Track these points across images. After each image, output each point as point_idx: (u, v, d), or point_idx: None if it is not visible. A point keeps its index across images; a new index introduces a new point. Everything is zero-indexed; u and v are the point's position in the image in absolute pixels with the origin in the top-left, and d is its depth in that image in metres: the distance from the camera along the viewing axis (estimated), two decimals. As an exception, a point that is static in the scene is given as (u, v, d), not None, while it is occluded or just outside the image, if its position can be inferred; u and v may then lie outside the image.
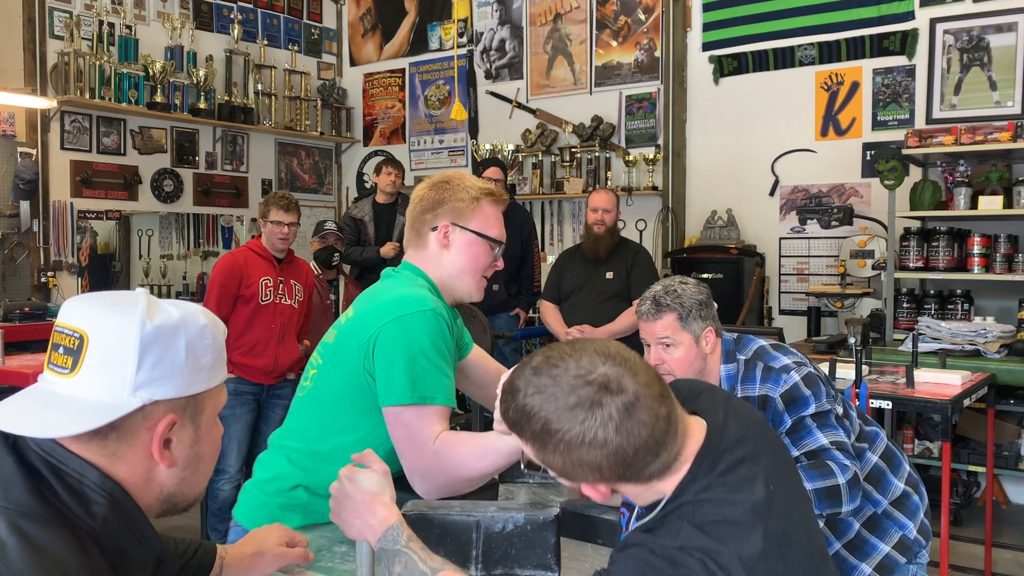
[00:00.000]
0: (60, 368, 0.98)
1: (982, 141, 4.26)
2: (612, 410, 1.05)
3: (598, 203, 4.59)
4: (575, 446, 1.06)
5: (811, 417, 1.99)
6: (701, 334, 2.10)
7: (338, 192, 7.53)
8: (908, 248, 4.54)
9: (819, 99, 5.31)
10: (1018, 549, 4.05)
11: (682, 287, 2.13)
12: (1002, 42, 4.74)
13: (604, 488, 1.12)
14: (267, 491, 1.70)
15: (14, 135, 5.34)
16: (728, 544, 1.02)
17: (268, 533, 1.40)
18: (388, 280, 1.80)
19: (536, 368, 1.10)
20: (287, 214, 3.91)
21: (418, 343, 1.59)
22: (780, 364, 2.06)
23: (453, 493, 1.59)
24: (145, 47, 5.95)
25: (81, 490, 0.94)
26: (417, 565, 1.23)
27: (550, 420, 1.06)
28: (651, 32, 5.90)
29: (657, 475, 1.10)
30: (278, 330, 3.90)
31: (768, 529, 1.05)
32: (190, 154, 6.35)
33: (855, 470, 1.94)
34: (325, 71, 7.41)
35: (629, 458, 1.06)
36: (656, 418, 1.07)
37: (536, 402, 1.08)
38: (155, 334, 0.98)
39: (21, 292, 5.33)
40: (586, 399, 1.05)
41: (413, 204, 1.80)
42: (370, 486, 1.32)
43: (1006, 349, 4.04)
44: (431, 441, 1.57)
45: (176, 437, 1.01)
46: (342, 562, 1.51)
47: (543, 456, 1.10)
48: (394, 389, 1.58)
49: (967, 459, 4.27)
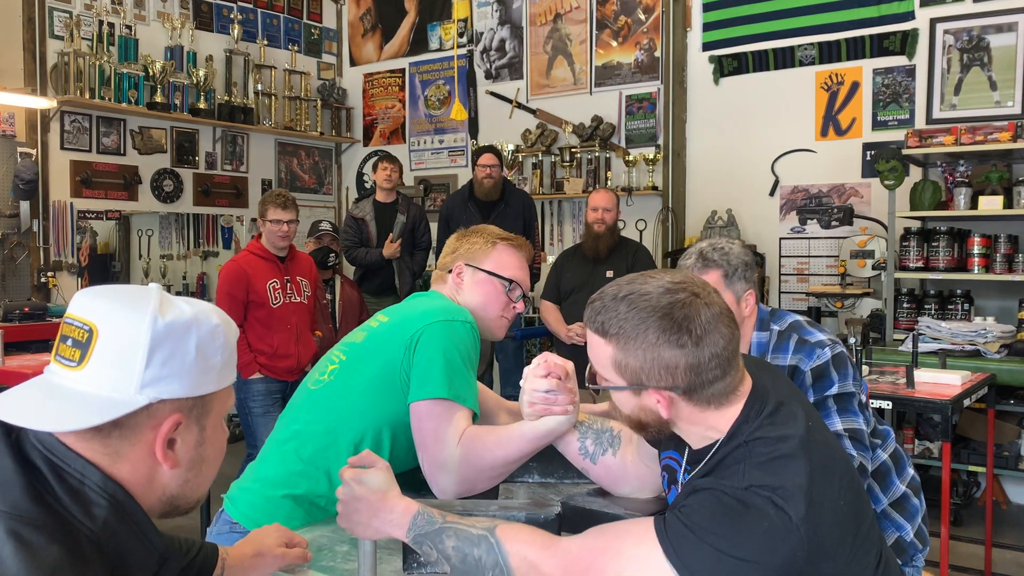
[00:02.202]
0: (67, 360, 0.96)
1: (982, 141, 4.26)
2: (704, 310, 1.17)
3: (598, 202, 4.60)
4: (662, 343, 1.16)
5: (833, 399, 1.95)
6: (743, 295, 2.04)
7: (338, 192, 7.53)
8: (908, 248, 4.54)
9: (819, 99, 5.31)
10: (1018, 549, 4.05)
11: (729, 245, 2.07)
12: (1002, 42, 4.74)
13: (667, 401, 1.19)
14: (268, 489, 1.70)
15: (14, 135, 5.34)
16: (787, 478, 1.11)
17: (267, 534, 1.39)
18: (423, 297, 1.89)
19: (629, 280, 1.22)
20: (285, 212, 3.91)
21: (459, 348, 1.66)
22: (815, 339, 2.01)
23: (473, 489, 1.60)
24: (145, 47, 5.95)
25: (82, 491, 0.93)
26: (469, 531, 1.23)
27: (644, 315, 1.17)
28: (651, 32, 5.90)
29: (715, 401, 1.20)
30: (294, 329, 3.96)
31: (813, 458, 1.14)
32: (190, 154, 6.35)
33: (861, 460, 1.91)
34: (325, 71, 7.41)
35: (703, 364, 1.16)
36: (731, 337, 1.19)
37: (631, 300, 1.18)
38: (166, 331, 0.96)
39: (21, 292, 5.33)
40: (680, 301, 1.17)
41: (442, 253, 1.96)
42: (379, 484, 1.32)
43: (1006, 349, 4.04)
44: (457, 436, 1.59)
45: (181, 438, 1.00)
46: (343, 562, 1.51)
47: (624, 356, 1.18)
48: (431, 384, 1.62)
49: (967, 459, 4.27)
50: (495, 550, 1.21)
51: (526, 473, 1.89)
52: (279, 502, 1.67)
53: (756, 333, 2.07)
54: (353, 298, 4.71)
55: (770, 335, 2.06)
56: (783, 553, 1.09)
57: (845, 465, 1.24)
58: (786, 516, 1.09)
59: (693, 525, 1.11)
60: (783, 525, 1.09)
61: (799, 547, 1.09)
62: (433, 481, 1.60)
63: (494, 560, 1.21)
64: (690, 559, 1.10)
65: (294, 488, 1.67)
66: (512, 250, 1.88)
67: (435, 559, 1.26)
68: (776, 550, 1.09)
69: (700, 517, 1.12)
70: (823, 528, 1.12)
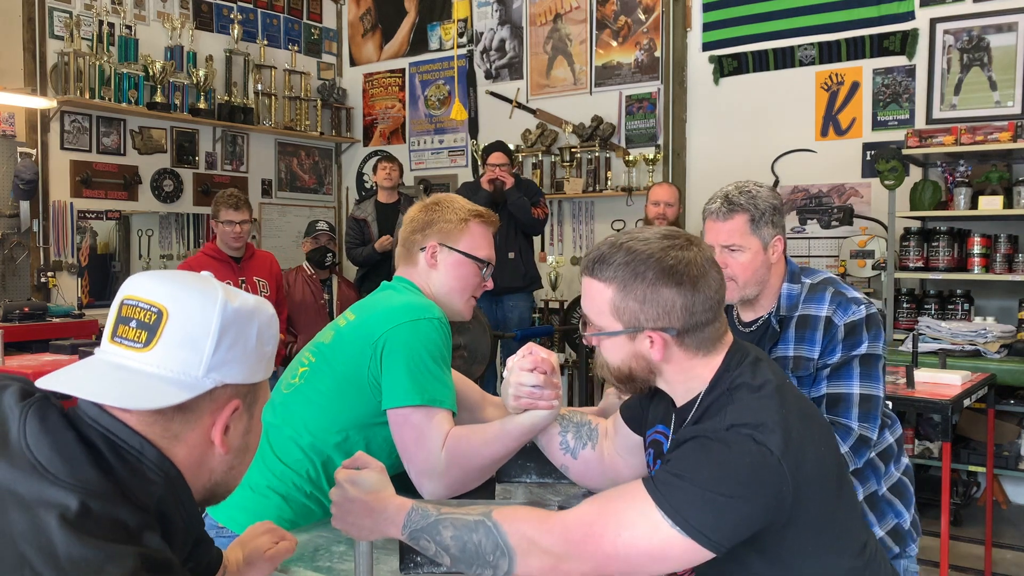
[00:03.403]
0: (131, 342, 0.96)
1: (982, 141, 4.26)
2: (698, 255, 1.26)
3: (660, 196, 4.47)
4: (660, 283, 1.23)
5: (860, 359, 1.89)
6: (771, 241, 1.96)
7: (338, 192, 7.53)
8: (908, 248, 4.53)
9: (819, 99, 5.30)
10: (1018, 549, 4.05)
11: (757, 188, 1.99)
12: (1002, 42, 4.74)
13: (661, 343, 1.26)
14: (253, 490, 1.69)
15: (14, 135, 5.33)
16: (767, 416, 1.17)
17: (258, 534, 1.37)
18: (389, 289, 1.82)
19: (625, 231, 1.31)
20: (238, 212, 3.90)
21: (428, 348, 1.62)
22: (852, 295, 1.95)
23: (463, 489, 1.59)
24: (145, 47, 5.95)
25: (140, 468, 0.93)
26: (466, 519, 1.24)
27: (643, 258, 1.24)
28: (651, 32, 5.89)
29: (704, 347, 1.27)
30: None
31: (791, 404, 1.22)
32: (190, 154, 6.35)
33: (861, 433, 1.86)
34: (325, 71, 7.40)
35: (697, 306, 1.24)
36: (721, 283, 1.28)
37: (629, 247, 1.26)
38: (235, 316, 0.98)
39: (21, 292, 5.32)
40: (677, 245, 1.26)
41: (404, 224, 1.86)
42: (373, 485, 1.32)
43: (1006, 349, 4.04)
44: (440, 440, 1.57)
45: (233, 424, 1.01)
46: (340, 561, 1.50)
47: (623, 298, 1.25)
48: (403, 391, 1.59)
49: (967, 459, 4.27)
50: (493, 532, 1.21)
51: (524, 473, 1.89)
52: (268, 499, 1.66)
53: (787, 285, 1.99)
54: (351, 298, 4.72)
55: (801, 287, 1.98)
56: (768, 486, 1.13)
57: (823, 422, 1.32)
58: (767, 450, 1.13)
59: (679, 471, 1.15)
60: (764, 460, 1.13)
61: (783, 481, 1.13)
62: (421, 486, 1.59)
63: (494, 542, 1.21)
64: (681, 504, 1.12)
65: (279, 488, 1.67)
66: (484, 227, 1.84)
67: (434, 552, 1.25)
68: (761, 483, 1.13)
69: (686, 463, 1.16)
70: (806, 466, 1.16)
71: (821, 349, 1.91)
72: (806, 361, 1.93)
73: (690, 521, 1.11)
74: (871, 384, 1.90)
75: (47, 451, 0.89)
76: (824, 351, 1.91)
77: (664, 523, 1.12)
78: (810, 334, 1.94)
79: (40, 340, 4.61)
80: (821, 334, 1.92)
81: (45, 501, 0.85)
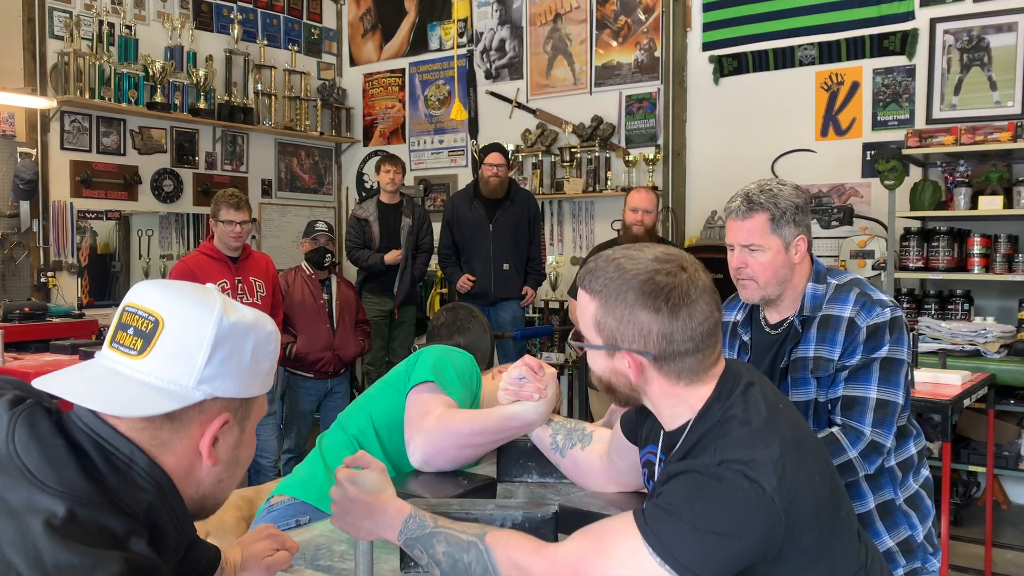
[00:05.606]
0: (127, 348, 0.97)
1: (982, 141, 4.26)
2: (687, 283, 1.21)
3: (638, 203, 4.39)
4: (638, 305, 1.20)
5: (880, 363, 1.84)
6: (792, 241, 1.90)
7: (338, 192, 7.53)
8: (908, 248, 4.53)
9: (819, 99, 5.30)
10: (1018, 549, 4.05)
11: (779, 187, 1.94)
12: (1002, 42, 4.74)
13: (636, 365, 1.23)
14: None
15: (14, 135, 5.34)
16: (758, 452, 1.14)
17: (258, 537, 1.37)
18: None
19: (625, 246, 1.28)
20: (238, 212, 3.88)
21: (454, 360, 1.92)
22: (877, 297, 1.91)
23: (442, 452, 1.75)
24: (145, 47, 5.95)
25: (129, 475, 0.94)
26: (459, 538, 1.25)
27: (628, 277, 1.22)
28: (651, 32, 5.89)
29: (686, 376, 1.23)
30: None
31: (785, 435, 1.18)
32: (190, 154, 6.35)
33: (873, 438, 1.82)
34: (325, 71, 7.41)
35: (677, 334, 1.20)
36: (710, 315, 1.22)
37: (620, 264, 1.24)
38: (230, 331, 0.98)
39: (21, 292, 5.33)
40: (665, 270, 1.22)
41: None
42: (373, 485, 1.32)
43: (1006, 349, 4.04)
44: (437, 407, 1.79)
45: (223, 437, 1.02)
46: (341, 561, 1.51)
47: (604, 314, 1.23)
48: (420, 373, 1.86)
49: (967, 459, 4.27)
50: (484, 557, 1.22)
51: (524, 473, 1.90)
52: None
53: (811, 285, 1.95)
54: (350, 298, 4.71)
55: (827, 287, 1.94)
56: (760, 524, 1.11)
57: (817, 446, 1.28)
58: (759, 488, 1.11)
59: (669, 507, 1.13)
60: (757, 497, 1.10)
61: (776, 518, 1.11)
62: (411, 447, 1.77)
63: (483, 567, 1.22)
64: (670, 542, 1.11)
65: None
66: None
67: (426, 563, 1.27)
68: (752, 522, 1.10)
69: (676, 498, 1.14)
70: (800, 499, 1.14)
71: (842, 350, 1.87)
72: (826, 362, 1.89)
73: (680, 559, 1.10)
74: (890, 389, 1.85)
75: (36, 458, 0.89)
76: (844, 352, 1.87)
77: (652, 561, 1.11)
78: (832, 335, 1.89)
79: (40, 340, 4.61)
80: (843, 335, 1.88)
81: (33, 508, 0.86)
